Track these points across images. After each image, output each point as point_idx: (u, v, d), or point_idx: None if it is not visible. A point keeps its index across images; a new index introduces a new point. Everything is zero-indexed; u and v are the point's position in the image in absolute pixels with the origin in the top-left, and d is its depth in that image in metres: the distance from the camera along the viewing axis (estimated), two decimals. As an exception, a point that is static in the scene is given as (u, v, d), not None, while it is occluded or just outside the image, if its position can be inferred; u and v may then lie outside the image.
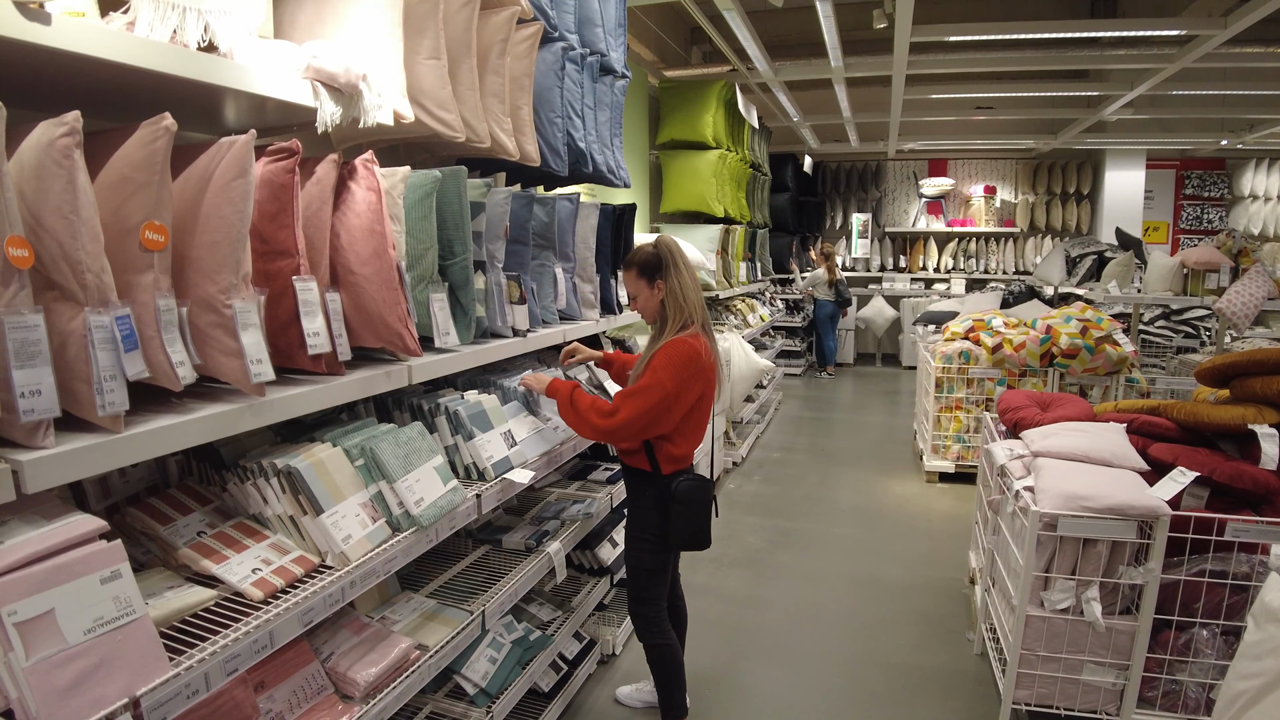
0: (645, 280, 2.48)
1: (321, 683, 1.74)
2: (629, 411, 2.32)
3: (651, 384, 2.33)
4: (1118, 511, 2.38)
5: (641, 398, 2.32)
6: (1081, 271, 7.41)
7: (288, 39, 1.88)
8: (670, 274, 2.44)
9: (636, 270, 2.49)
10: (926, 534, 4.73)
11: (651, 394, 2.32)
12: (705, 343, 2.43)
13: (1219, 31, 5.07)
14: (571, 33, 2.99)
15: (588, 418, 2.35)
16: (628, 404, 2.33)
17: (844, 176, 12.10)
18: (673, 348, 2.38)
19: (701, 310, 2.48)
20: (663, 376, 2.33)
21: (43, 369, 1.16)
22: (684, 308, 2.44)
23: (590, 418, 2.35)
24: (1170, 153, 10.45)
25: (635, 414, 2.32)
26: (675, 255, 2.47)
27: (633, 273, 2.50)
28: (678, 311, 2.45)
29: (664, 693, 2.64)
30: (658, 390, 2.32)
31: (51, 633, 1.12)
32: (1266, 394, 2.69)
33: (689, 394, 2.40)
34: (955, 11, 7.55)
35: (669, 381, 2.32)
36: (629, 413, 2.32)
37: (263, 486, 1.69)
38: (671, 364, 2.35)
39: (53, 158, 1.18)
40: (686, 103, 6.65)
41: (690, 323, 2.45)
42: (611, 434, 2.37)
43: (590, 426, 2.37)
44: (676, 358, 2.36)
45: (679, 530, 2.48)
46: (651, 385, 2.32)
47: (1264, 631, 1.43)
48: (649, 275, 2.47)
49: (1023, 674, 2.60)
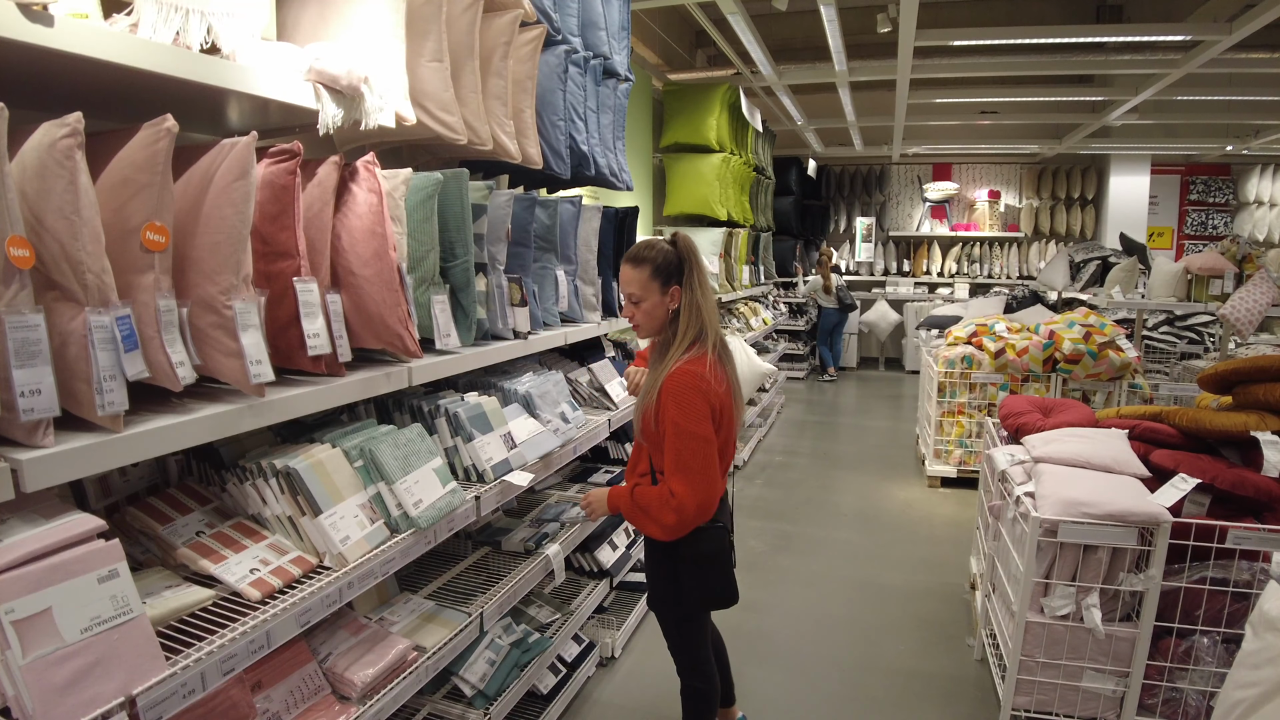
0: (659, 283, 2.06)
1: (319, 683, 1.75)
2: (685, 492, 1.98)
3: (682, 437, 1.98)
4: (1119, 518, 2.37)
5: (689, 468, 1.98)
6: (1085, 277, 7.38)
7: (291, 41, 1.89)
8: (693, 280, 2.06)
9: (650, 269, 2.05)
10: (928, 539, 4.72)
11: (693, 447, 1.98)
12: (714, 364, 2.04)
13: (1224, 37, 5.06)
14: (575, 35, 3.00)
15: (660, 519, 2.03)
16: (678, 481, 1.99)
17: (848, 180, 12.10)
18: (677, 386, 2.00)
19: (716, 329, 2.10)
20: (689, 426, 1.98)
21: (43, 368, 1.17)
22: (703, 324, 2.07)
23: (657, 528, 2.05)
24: (1175, 158, 10.44)
25: (694, 489, 1.99)
26: (696, 256, 2.08)
27: (645, 271, 2.06)
28: (693, 328, 2.06)
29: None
30: (693, 441, 1.98)
31: (48, 631, 1.12)
32: (1269, 401, 2.69)
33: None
34: (960, 16, 7.54)
35: (696, 425, 1.98)
36: (685, 493, 1.98)
37: (262, 487, 1.70)
38: (685, 407, 1.98)
39: (54, 158, 1.18)
40: (690, 106, 6.66)
41: (701, 340, 2.07)
42: (684, 525, 2.03)
43: (666, 529, 2.03)
44: (686, 394, 1.99)
45: (694, 592, 2.14)
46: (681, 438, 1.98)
47: (1262, 640, 1.43)
48: (664, 278, 2.06)
49: (1022, 680, 2.59)
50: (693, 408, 1.98)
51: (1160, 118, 8.13)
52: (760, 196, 8.59)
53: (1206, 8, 5.81)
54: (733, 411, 2.11)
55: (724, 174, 6.66)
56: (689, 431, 1.97)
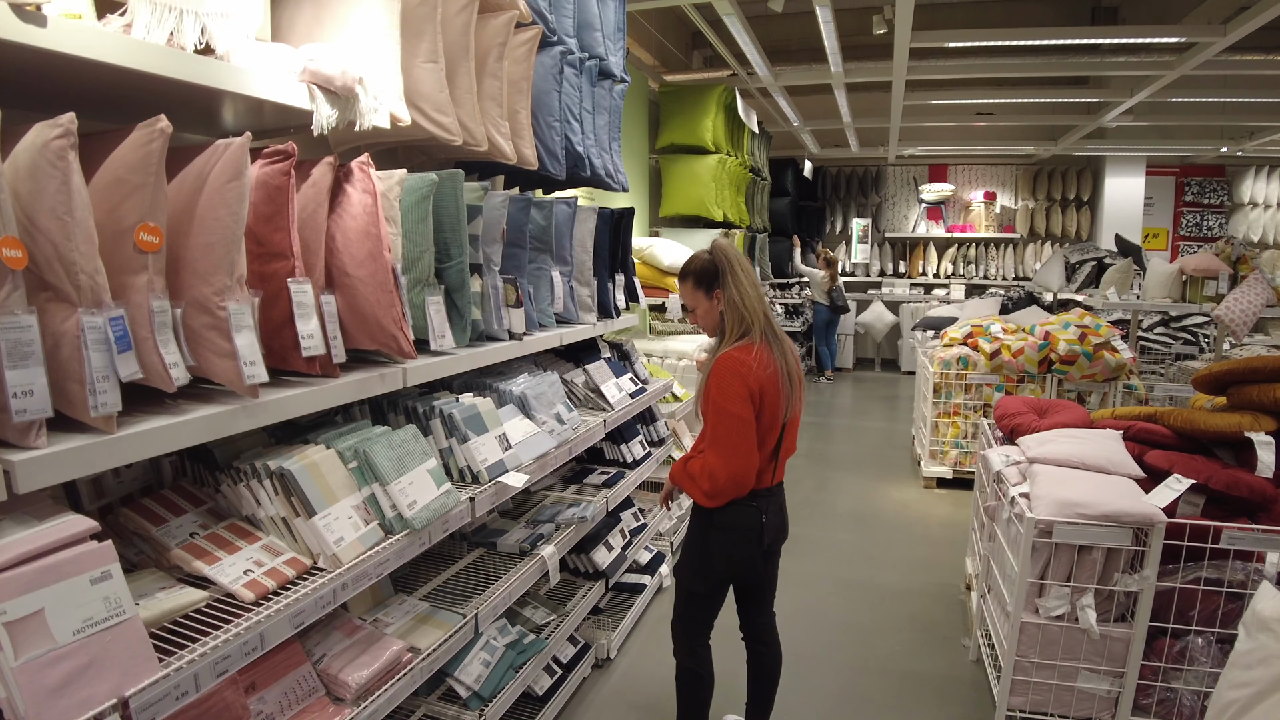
0: (703, 291, 2.29)
1: (313, 684, 1.74)
2: (717, 463, 2.18)
3: (720, 416, 2.17)
4: (1113, 519, 2.38)
5: (722, 443, 2.17)
6: (1081, 278, 7.40)
7: (286, 42, 1.88)
8: (729, 282, 2.25)
9: (693, 281, 2.30)
10: (924, 539, 4.72)
11: (729, 425, 2.16)
12: (761, 350, 2.21)
13: (1218, 39, 5.08)
14: (570, 37, 2.99)
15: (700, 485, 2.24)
16: (713, 454, 2.19)
17: (844, 181, 12.12)
18: (720, 368, 2.20)
19: (764, 318, 2.26)
20: (726, 405, 2.16)
21: (35, 369, 1.17)
22: (745, 318, 2.24)
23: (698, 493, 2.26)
24: (1170, 159, 10.47)
25: (726, 461, 2.17)
26: (733, 261, 2.27)
27: (689, 284, 2.31)
28: (738, 322, 2.25)
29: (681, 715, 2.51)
30: (725, 420, 2.16)
31: (41, 633, 1.12)
32: (1263, 401, 2.70)
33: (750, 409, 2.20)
34: (955, 17, 7.56)
35: (732, 405, 2.15)
36: (718, 465, 2.18)
37: (256, 488, 1.69)
38: (724, 388, 2.17)
39: (47, 159, 1.18)
40: (687, 107, 6.67)
41: (748, 332, 2.25)
42: (718, 494, 2.21)
43: (705, 495, 2.24)
44: (725, 376, 2.18)
45: (718, 560, 2.30)
46: (720, 416, 2.17)
47: (1255, 641, 1.43)
48: (706, 285, 2.29)
49: (1018, 681, 2.59)
50: (730, 389, 2.16)
51: (1155, 119, 8.16)
52: (756, 197, 8.59)
53: (1201, 10, 5.83)
54: (777, 394, 2.23)
55: (720, 175, 6.67)
56: (725, 410, 2.16)
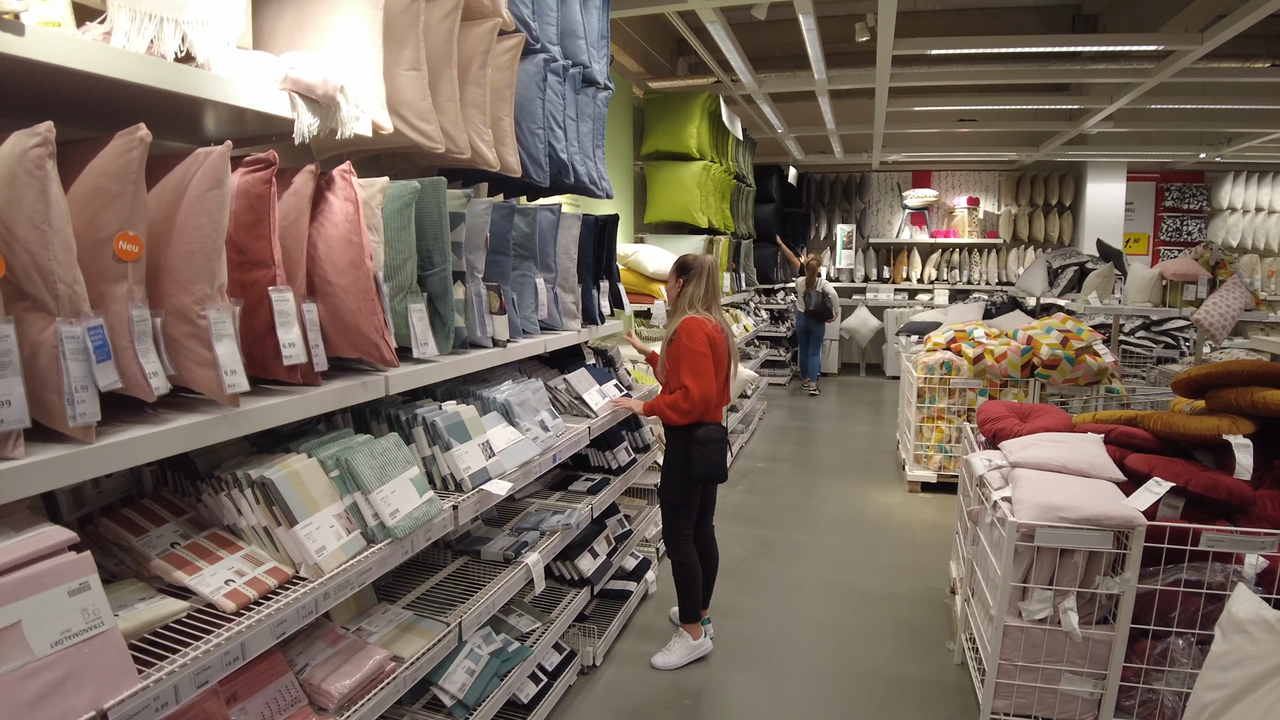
0: (675, 273, 3.36)
1: (295, 694, 1.73)
2: (692, 382, 3.10)
3: (688, 354, 3.11)
4: (1094, 522, 2.40)
5: (691, 370, 3.10)
6: (1063, 282, 7.47)
7: (267, 50, 1.87)
8: (691, 281, 3.28)
9: (677, 269, 3.36)
10: (909, 544, 4.75)
11: (696, 360, 3.10)
12: (708, 318, 3.21)
13: (1196, 47, 5.14)
14: (554, 44, 3.00)
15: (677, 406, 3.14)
16: (689, 380, 3.10)
17: (828, 188, 12.18)
18: (687, 324, 3.16)
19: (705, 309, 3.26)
20: (694, 347, 3.11)
21: (13, 379, 1.16)
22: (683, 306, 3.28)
23: (674, 413, 3.16)
24: (1150, 165, 10.59)
25: (697, 383, 3.10)
26: (703, 271, 3.28)
27: (674, 269, 3.38)
28: (683, 301, 3.29)
29: (683, 600, 3.38)
30: (692, 357, 3.10)
31: (18, 645, 1.11)
32: (1241, 405, 2.73)
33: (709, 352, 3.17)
34: (938, 25, 7.63)
35: (699, 346, 3.11)
36: (692, 386, 3.10)
37: (237, 497, 1.68)
38: (691, 335, 3.13)
39: (25, 168, 1.17)
40: (671, 114, 6.68)
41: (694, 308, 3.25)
42: (694, 409, 3.13)
43: (680, 413, 3.14)
44: (692, 329, 3.14)
45: (699, 465, 3.17)
46: (688, 355, 3.11)
47: (1231, 643, 1.45)
48: (679, 272, 3.35)
49: (1001, 684, 2.61)
50: (696, 338, 3.14)
51: (1135, 126, 8.25)
52: (741, 204, 8.62)
53: (1179, 18, 5.91)
54: (725, 347, 3.28)
55: (705, 182, 6.68)
56: (693, 350, 3.13)
